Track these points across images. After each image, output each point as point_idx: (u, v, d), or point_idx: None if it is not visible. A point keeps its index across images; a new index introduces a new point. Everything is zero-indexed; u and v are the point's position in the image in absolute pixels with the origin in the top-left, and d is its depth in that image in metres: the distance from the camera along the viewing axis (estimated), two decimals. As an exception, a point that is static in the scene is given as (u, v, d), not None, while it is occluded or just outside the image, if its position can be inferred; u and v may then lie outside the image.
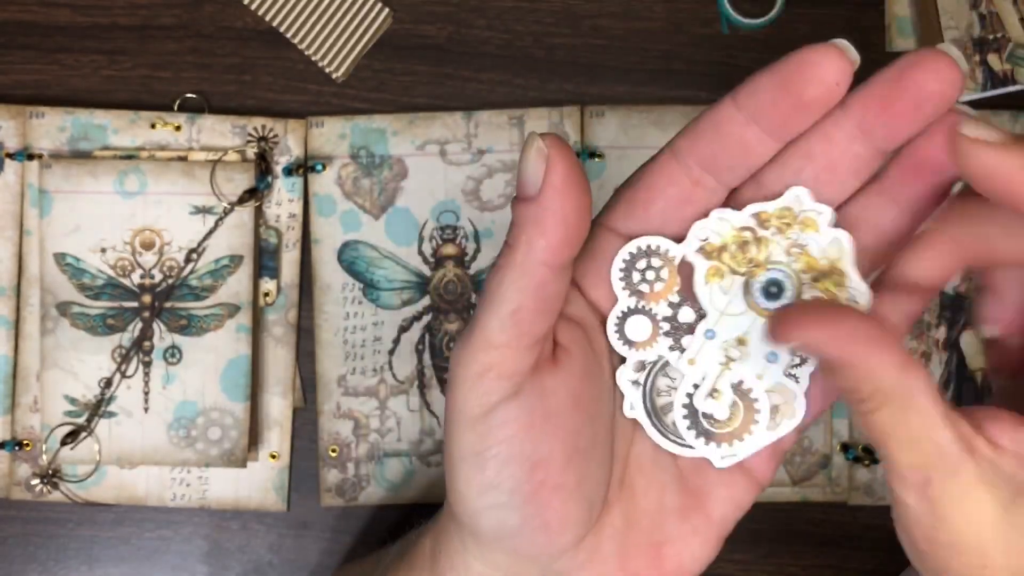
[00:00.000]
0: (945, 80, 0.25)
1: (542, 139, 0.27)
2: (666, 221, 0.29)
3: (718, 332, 0.29)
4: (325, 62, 0.53)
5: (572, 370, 0.29)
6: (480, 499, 0.29)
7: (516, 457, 0.28)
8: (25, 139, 0.52)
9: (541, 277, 0.27)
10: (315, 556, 0.53)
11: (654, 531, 0.31)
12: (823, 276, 0.28)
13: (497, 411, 0.28)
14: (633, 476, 0.31)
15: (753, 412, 0.29)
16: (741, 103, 0.27)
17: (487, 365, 0.28)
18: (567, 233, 0.27)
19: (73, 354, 0.51)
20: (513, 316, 0.27)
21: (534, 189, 0.27)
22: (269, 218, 0.53)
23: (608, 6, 0.54)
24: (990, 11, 0.52)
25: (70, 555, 0.53)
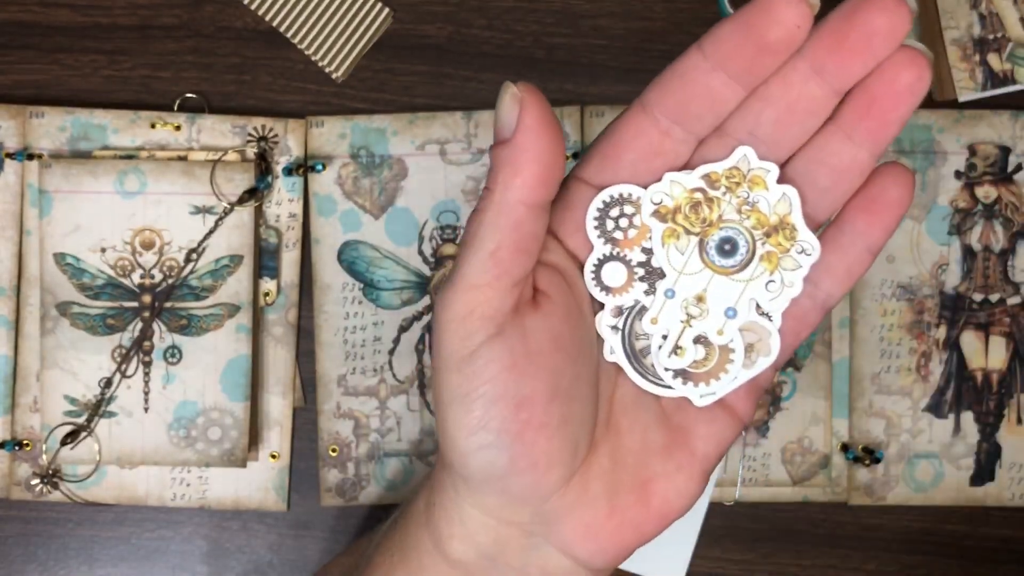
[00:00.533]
0: (893, 15, 0.26)
1: (516, 86, 0.28)
2: (637, 172, 0.30)
3: (677, 291, 0.30)
4: (325, 62, 0.53)
5: (552, 313, 0.30)
6: (469, 440, 0.30)
7: (501, 396, 0.29)
8: (25, 139, 0.52)
9: (518, 216, 0.28)
10: (315, 556, 0.53)
11: (640, 469, 0.31)
12: (774, 231, 0.29)
13: (481, 351, 0.29)
14: (618, 417, 0.32)
15: (728, 351, 0.30)
16: (707, 51, 0.28)
17: (470, 306, 0.29)
18: (542, 171, 0.28)
19: (73, 354, 0.51)
20: (493, 256, 0.28)
21: (509, 131, 0.28)
22: (269, 218, 0.53)
23: (608, 6, 0.54)
24: (990, 11, 0.52)
25: (70, 555, 0.53)
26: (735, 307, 0.30)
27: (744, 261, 0.30)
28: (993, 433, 0.53)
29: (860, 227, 0.30)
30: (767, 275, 0.30)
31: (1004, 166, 0.53)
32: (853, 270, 0.31)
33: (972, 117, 0.53)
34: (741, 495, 0.53)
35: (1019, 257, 0.53)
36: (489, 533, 0.31)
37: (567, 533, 0.31)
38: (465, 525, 0.32)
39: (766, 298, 0.30)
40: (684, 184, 0.29)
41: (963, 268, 0.53)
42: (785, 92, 0.28)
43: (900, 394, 0.53)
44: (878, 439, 0.53)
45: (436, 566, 0.32)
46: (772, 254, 0.30)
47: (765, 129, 0.29)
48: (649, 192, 0.30)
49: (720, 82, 0.28)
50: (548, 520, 0.31)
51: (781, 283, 0.30)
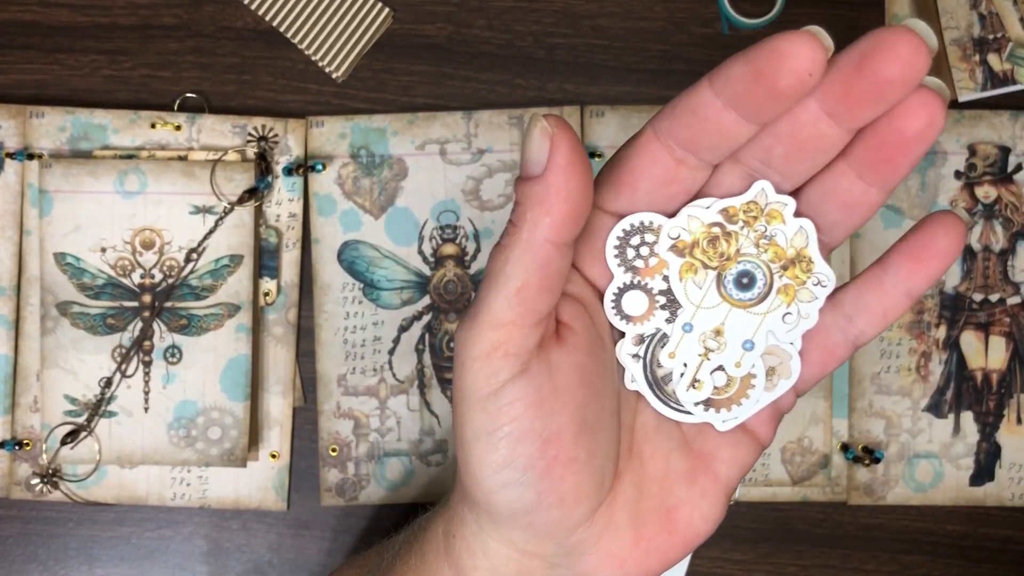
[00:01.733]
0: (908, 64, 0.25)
1: (546, 119, 0.27)
2: (653, 199, 0.30)
3: (695, 325, 0.30)
4: (325, 62, 0.53)
5: (576, 346, 0.30)
6: (495, 478, 0.29)
7: (528, 434, 0.29)
8: (25, 139, 0.52)
9: (546, 255, 0.28)
10: (315, 556, 0.53)
11: (664, 496, 0.31)
12: (791, 264, 0.30)
13: (506, 389, 0.28)
14: (640, 445, 0.32)
15: (749, 376, 0.31)
16: (717, 88, 0.28)
17: (495, 344, 0.28)
18: (571, 211, 0.28)
19: (73, 354, 0.51)
20: (519, 294, 0.28)
21: (539, 168, 0.27)
22: (269, 218, 0.53)
23: (608, 6, 0.54)
24: (990, 11, 0.52)
25: (70, 554, 0.53)
26: (753, 339, 0.30)
27: (762, 294, 0.30)
28: (993, 433, 0.53)
29: (904, 273, 0.30)
30: (784, 307, 0.30)
31: (1004, 166, 0.53)
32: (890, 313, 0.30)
33: (972, 117, 0.53)
34: (741, 495, 0.53)
35: (1019, 257, 0.53)
36: (512, 566, 0.31)
37: (592, 563, 0.31)
38: (488, 558, 0.31)
39: (783, 330, 0.30)
40: (702, 219, 0.30)
41: (963, 268, 0.53)
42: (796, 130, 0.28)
43: (900, 394, 0.53)
44: (878, 439, 0.53)
45: None
46: (789, 287, 0.30)
47: (777, 162, 0.29)
48: (666, 227, 0.30)
49: (731, 119, 0.28)
50: (573, 551, 0.31)
51: (798, 315, 0.30)
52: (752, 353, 0.30)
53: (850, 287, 0.31)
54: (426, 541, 0.34)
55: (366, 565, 0.43)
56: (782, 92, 0.26)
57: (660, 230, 0.30)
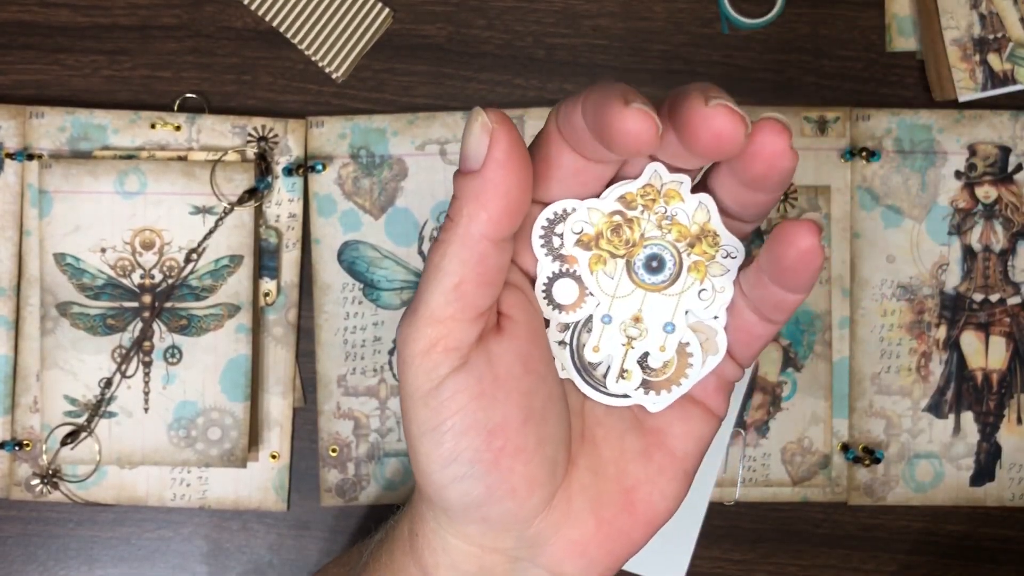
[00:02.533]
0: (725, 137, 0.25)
1: (486, 113, 0.27)
2: (569, 187, 0.29)
3: (613, 315, 0.30)
4: (325, 62, 0.53)
5: (517, 335, 0.29)
6: (443, 473, 0.29)
7: (471, 427, 0.28)
8: (25, 139, 0.52)
9: (483, 250, 0.28)
10: (315, 556, 0.53)
11: (621, 477, 0.31)
12: (697, 240, 0.30)
13: (447, 383, 0.28)
14: (591, 428, 0.31)
15: (686, 356, 0.30)
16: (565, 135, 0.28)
17: (433, 340, 0.28)
18: (508, 207, 0.27)
19: (73, 354, 0.51)
20: (456, 289, 0.28)
21: (476, 163, 0.27)
22: (269, 218, 0.53)
23: (608, 6, 0.54)
24: (990, 11, 0.52)
25: (70, 555, 0.53)
26: (672, 321, 0.30)
27: (673, 275, 0.30)
28: (993, 433, 0.53)
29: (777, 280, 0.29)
30: (698, 284, 0.30)
31: (1004, 166, 0.53)
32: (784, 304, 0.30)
33: (972, 117, 0.53)
34: (741, 495, 0.53)
35: (1019, 257, 0.53)
36: (473, 562, 0.31)
37: (555, 553, 0.31)
38: (449, 554, 0.31)
39: (701, 307, 0.30)
40: (601, 209, 0.29)
41: (963, 268, 0.53)
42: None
43: (900, 394, 0.53)
44: (878, 439, 0.53)
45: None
46: (699, 263, 0.30)
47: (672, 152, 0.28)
48: (568, 222, 0.29)
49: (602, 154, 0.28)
50: (534, 543, 0.30)
51: (712, 289, 0.30)
52: (674, 335, 0.30)
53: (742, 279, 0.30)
54: (394, 540, 0.34)
55: (348, 563, 0.43)
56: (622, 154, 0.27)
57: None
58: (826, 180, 0.53)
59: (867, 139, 0.53)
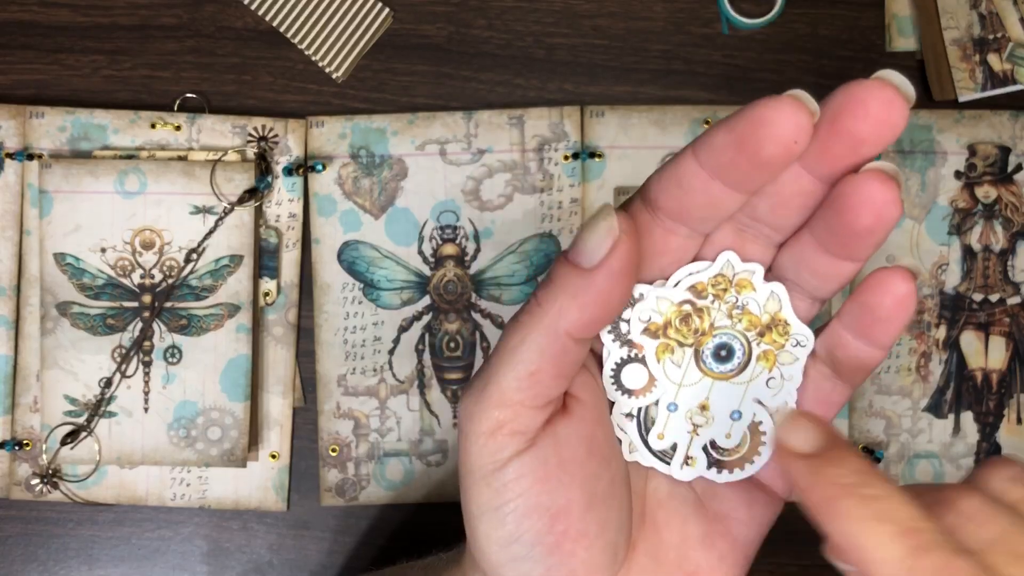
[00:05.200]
0: (879, 121, 0.24)
1: (617, 217, 0.26)
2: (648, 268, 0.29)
3: (680, 403, 0.30)
4: (325, 62, 0.53)
5: (584, 417, 0.29)
6: (502, 553, 0.28)
7: (534, 509, 0.28)
8: (25, 139, 0.52)
9: (564, 345, 0.27)
10: (315, 556, 0.53)
11: (682, 563, 0.30)
12: (767, 329, 0.29)
13: (511, 465, 0.28)
14: (653, 511, 0.31)
15: (759, 435, 0.30)
16: (702, 160, 0.26)
17: (500, 422, 0.27)
18: (603, 315, 0.27)
19: (73, 354, 0.51)
20: (531, 377, 0.27)
21: (590, 262, 0.26)
22: (269, 218, 0.53)
23: (608, 6, 0.54)
24: (990, 11, 0.52)
25: (70, 555, 0.53)
26: (739, 409, 0.30)
27: (741, 364, 0.29)
28: (993, 433, 0.53)
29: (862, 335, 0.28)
30: (766, 373, 0.29)
31: (1004, 166, 0.53)
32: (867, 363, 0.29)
33: (972, 117, 0.53)
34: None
35: (1019, 257, 0.53)
36: None
37: None
38: None
39: (768, 395, 0.30)
40: (671, 298, 0.29)
41: (963, 268, 0.53)
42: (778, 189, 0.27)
43: (900, 394, 0.53)
44: (878, 439, 0.53)
45: None
46: (769, 352, 0.29)
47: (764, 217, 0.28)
48: (636, 311, 0.29)
49: (718, 190, 0.26)
50: None
51: (781, 378, 0.29)
52: (740, 423, 0.30)
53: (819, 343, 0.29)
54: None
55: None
56: (766, 161, 0.25)
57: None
58: (826, 180, 0.53)
59: (867, 139, 0.53)
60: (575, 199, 0.52)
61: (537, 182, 0.52)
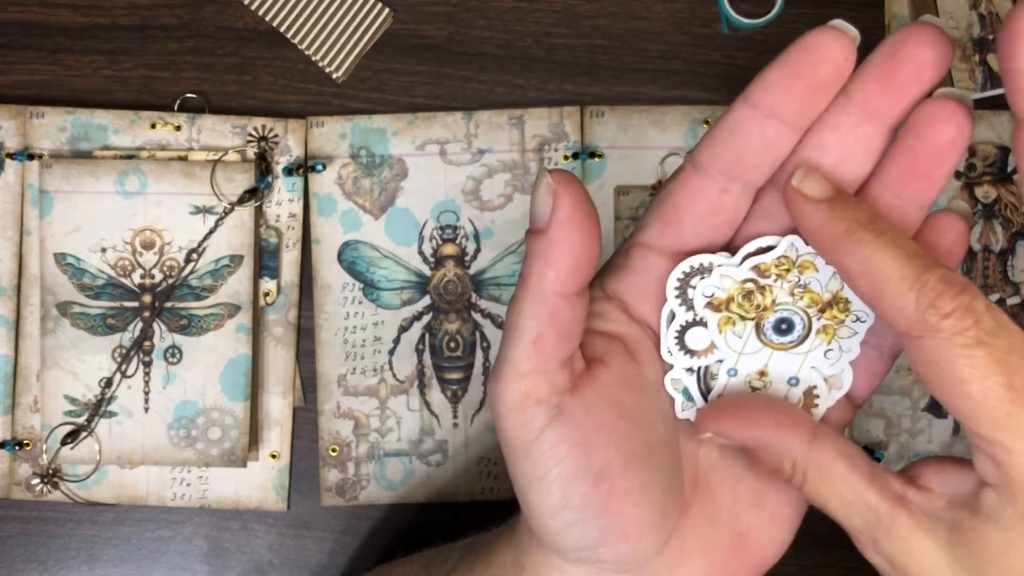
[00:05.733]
0: (938, 46, 0.27)
1: (551, 175, 0.28)
2: (699, 232, 0.30)
3: (739, 369, 0.31)
4: (325, 62, 0.53)
5: (609, 381, 0.30)
6: (555, 520, 0.30)
7: (576, 473, 0.29)
8: (25, 139, 0.52)
9: (554, 305, 0.28)
10: (315, 556, 0.53)
11: (734, 523, 0.32)
12: (828, 306, 0.30)
13: (545, 435, 0.29)
14: (706, 474, 0.32)
15: (813, 397, 0.31)
16: (755, 101, 0.28)
17: (522, 393, 0.29)
18: (575, 263, 0.28)
19: (73, 354, 0.51)
20: (535, 344, 0.29)
21: (543, 222, 0.28)
22: (269, 218, 0.53)
23: (608, 6, 0.54)
24: (990, 11, 0.53)
25: (70, 554, 0.53)
26: (797, 376, 0.31)
27: (801, 336, 0.30)
28: (993, 433, 0.53)
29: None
30: (824, 345, 0.30)
31: (1003, 166, 0.53)
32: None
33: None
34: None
35: (1019, 257, 0.53)
36: None
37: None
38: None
39: (826, 364, 0.31)
40: (734, 276, 0.30)
41: (962, 268, 0.53)
42: (840, 138, 0.28)
43: (900, 394, 0.53)
44: (878, 439, 0.53)
45: None
46: (828, 327, 0.30)
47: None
48: (700, 287, 0.30)
49: (773, 130, 0.28)
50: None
51: (839, 350, 0.30)
52: (797, 388, 0.31)
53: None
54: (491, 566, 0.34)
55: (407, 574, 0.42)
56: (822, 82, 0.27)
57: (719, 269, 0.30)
58: (826, 180, 0.53)
59: (867, 139, 0.53)
60: (575, 199, 0.52)
61: (537, 182, 0.52)
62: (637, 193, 0.52)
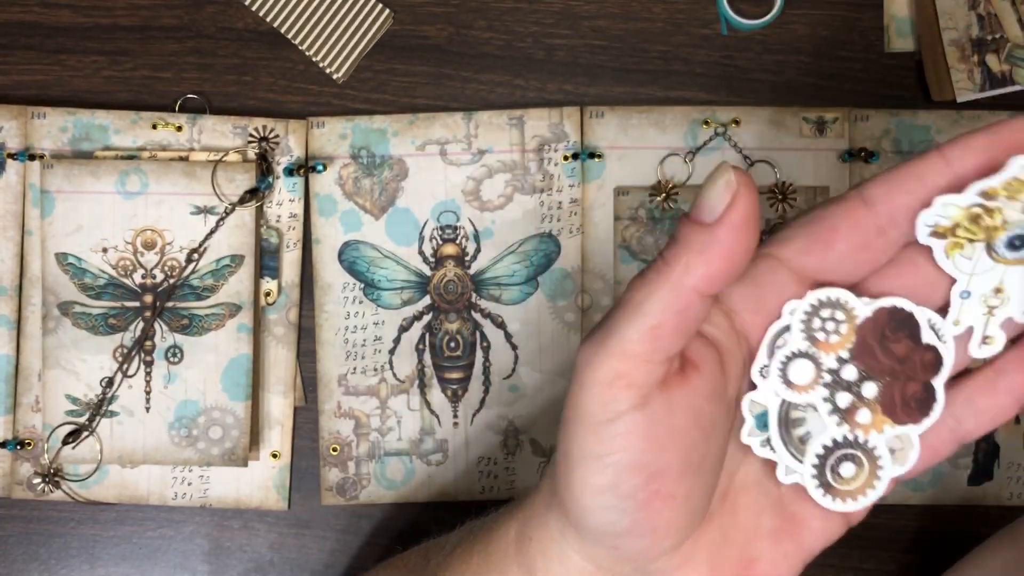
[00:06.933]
0: None
1: (735, 173, 0.27)
2: (843, 263, 0.30)
3: (972, 290, 0.30)
4: (326, 63, 0.53)
5: (698, 388, 0.30)
6: (594, 499, 0.29)
7: (635, 465, 0.29)
8: (27, 139, 0.52)
9: (688, 300, 0.28)
10: (316, 555, 0.53)
11: (747, 548, 0.32)
12: None
13: (623, 419, 0.28)
14: (736, 494, 0.32)
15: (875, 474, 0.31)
16: (952, 158, 0.28)
17: (619, 373, 0.28)
18: (728, 269, 0.28)
19: (75, 354, 0.52)
20: (653, 331, 0.28)
21: (711, 217, 0.27)
22: (270, 218, 0.53)
23: (608, 6, 0.54)
24: (989, 12, 0.53)
25: (72, 554, 0.53)
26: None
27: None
28: (991, 432, 0.53)
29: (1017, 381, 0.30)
30: None
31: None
32: (998, 417, 0.31)
33: (970, 118, 0.53)
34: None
35: None
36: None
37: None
38: (564, 566, 0.32)
39: None
40: (958, 203, 0.29)
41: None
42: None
43: (899, 394, 0.53)
44: (877, 438, 0.53)
45: None
46: None
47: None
48: (922, 217, 0.29)
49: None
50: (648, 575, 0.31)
51: None
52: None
53: (961, 389, 0.31)
54: (493, 541, 0.34)
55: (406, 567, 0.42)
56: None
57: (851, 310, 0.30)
58: (825, 181, 0.53)
59: (866, 140, 0.53)
60: (575, 199, 0.52)
61: (537, 182, 0.53)
62: (637, 193, 0.52)
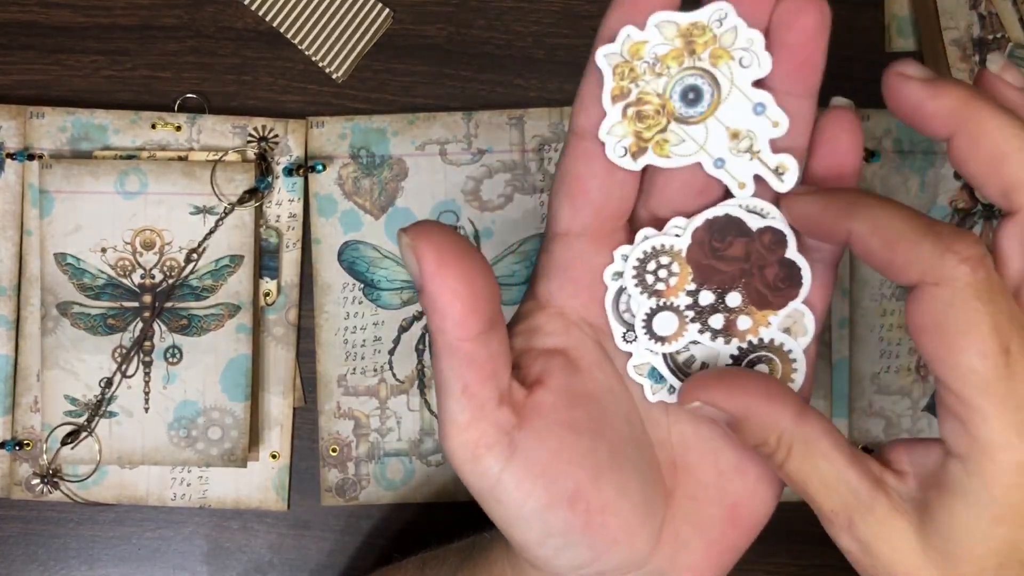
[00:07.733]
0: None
1: (406, 234, 0.27)
2: (607, 196, 0.30)
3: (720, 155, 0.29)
4: (325, 62, 0.53)
5: (555, 402, 0.30)
6: (543, 549, 0.29)
7: (549, 503, 0.29)
8: (26, 139, 0.52)
9: (466, 352, 0.28)
10: (315, 556, 0.53)
11: (722, 497, 0.31)
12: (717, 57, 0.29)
13: (505, 477, 0.28)
14: (683, 456, 0.31)
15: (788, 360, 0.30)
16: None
17: (471, 444, 0.28)
18: (464, 306, 0.27)
19: (74, 354, 0.51)
20: (464, 394, 0.28)
21: (419, 281, 0.27)
22: (269, 218, 0.53)
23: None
24: (990, 11, 0.53)
25: (71, 554, 0.53)
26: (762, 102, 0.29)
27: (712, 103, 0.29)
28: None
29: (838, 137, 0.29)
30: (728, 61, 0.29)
31: (1003, 166, 0.53)
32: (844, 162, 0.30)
33: (971, 117, 0.53)
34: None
35: (1018, 257, 0.53)
36: None
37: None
38: None
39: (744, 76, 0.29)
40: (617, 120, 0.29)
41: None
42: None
43: (900, 394, 0.53)
44: (878, 439, 0.53)
45: None
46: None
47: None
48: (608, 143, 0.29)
49: None
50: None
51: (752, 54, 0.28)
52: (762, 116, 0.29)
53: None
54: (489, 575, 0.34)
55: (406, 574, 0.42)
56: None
57: (670, 248, 0.30)
58: (826, 180, 0.53)
59: (867, 139, 0.53)
60: (575, 199, 0.52)
61: (537, 182, 0.53)
62: (637, 193, 0.52)
